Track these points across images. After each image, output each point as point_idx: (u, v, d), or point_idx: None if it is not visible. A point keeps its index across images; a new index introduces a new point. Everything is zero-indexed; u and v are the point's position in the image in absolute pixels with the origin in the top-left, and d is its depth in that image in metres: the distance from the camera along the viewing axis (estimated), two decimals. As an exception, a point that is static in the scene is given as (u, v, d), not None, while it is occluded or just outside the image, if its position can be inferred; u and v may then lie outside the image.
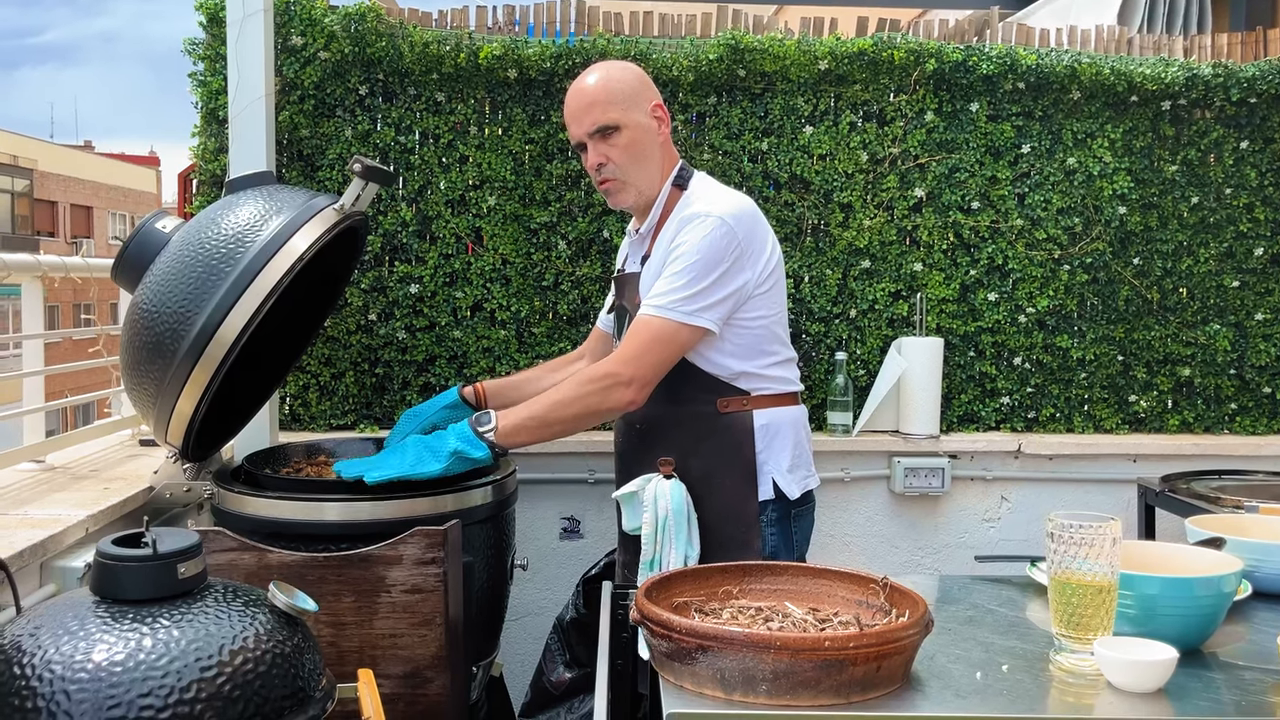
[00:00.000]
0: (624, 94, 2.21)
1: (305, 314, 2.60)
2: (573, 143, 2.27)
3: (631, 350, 2.11)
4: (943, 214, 3.33)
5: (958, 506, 3.33)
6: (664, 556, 2.09)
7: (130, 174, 33.03)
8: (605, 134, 2.20)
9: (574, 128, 2.24)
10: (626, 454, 2.36)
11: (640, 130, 2.21)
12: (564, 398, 2.11)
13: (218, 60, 3.00)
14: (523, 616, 3.17)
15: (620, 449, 2.40)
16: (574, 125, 2.24)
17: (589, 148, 2.23)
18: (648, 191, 2.25)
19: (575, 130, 2.24)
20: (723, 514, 2.18)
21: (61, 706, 1.26)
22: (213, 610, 1.41)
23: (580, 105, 2.22)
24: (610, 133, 2.20)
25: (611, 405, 2.11)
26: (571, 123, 2.25)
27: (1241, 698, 1.32)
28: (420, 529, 2.05)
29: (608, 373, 2.10)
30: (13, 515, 2.04)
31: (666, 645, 1.27)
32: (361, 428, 3.17)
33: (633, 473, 2.24)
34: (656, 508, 2.10)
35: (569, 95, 2.25)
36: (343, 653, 2.03)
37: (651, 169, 2.24)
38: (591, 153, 2.22)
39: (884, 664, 1.24)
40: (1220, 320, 3.46)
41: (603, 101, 2.20)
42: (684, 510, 2.10)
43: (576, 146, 2.27)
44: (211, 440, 2.36)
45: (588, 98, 2.21)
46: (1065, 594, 1.39)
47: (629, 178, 2.23)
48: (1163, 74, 3.32)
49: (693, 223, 2.13)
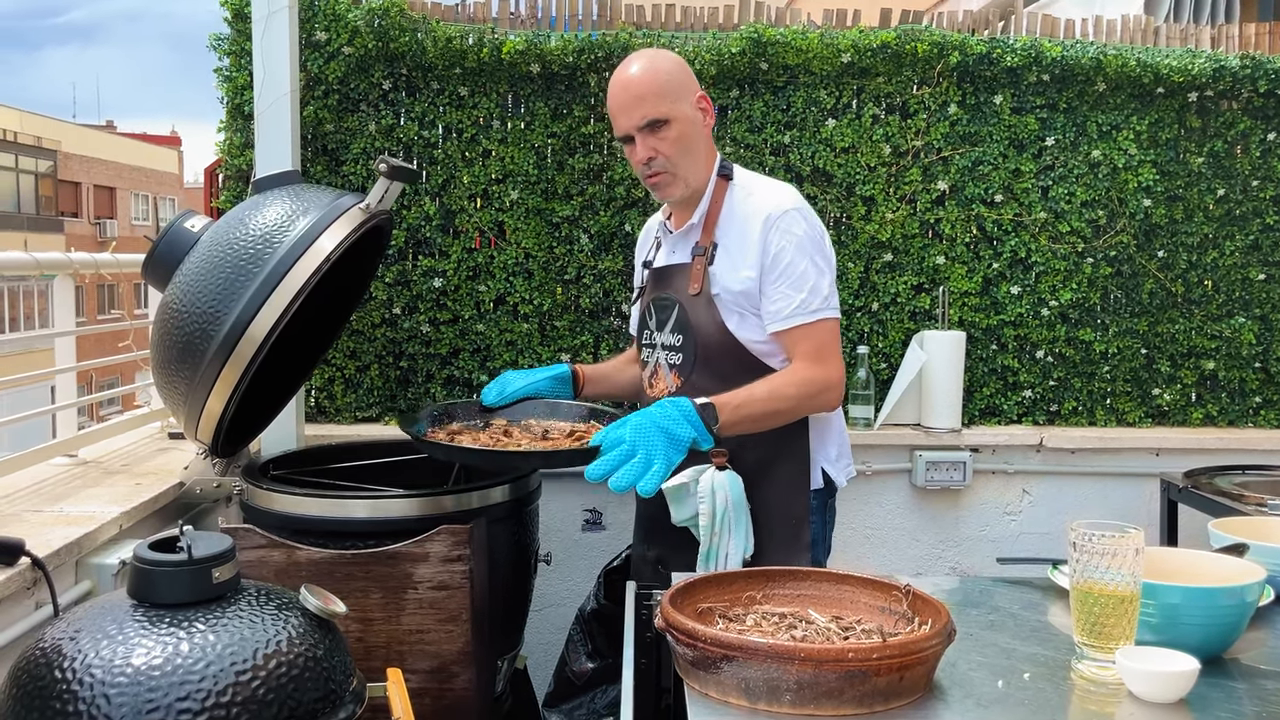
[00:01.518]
0: (672, 86, 2.17)
1: (331, 309, 2.62)
2: (617, 135, 2.21)
3: (828, 354, 2.12)
4: (966, 207, 3.32)
5: (979, 500, 3.34)
6: (721, 549, 2.08)
7: (153, 155, 33.20)
8: (654, 127, 2.15)
9: (621, 120, 2.18)
10: None
11: (688, 123, 2.18)
12: (780, 396, 2.08)
13: (243, 55, 3.01)
14: (546, 608, 3.20)
15: None
16: (621, 118, 2.18)
17: (637, 141, 2.17)
18: (695, 184, 2.22)
19: (623, 123, 2.18)
20: (774, 504, 2.17)
21: (102, 710, 1.30)
22: (246, 614, 1.44)
23: (629, 98, 2.16)
24: (660, 126, 2.15)
25: (821, 407, 2.15)
26: (619, 115, 2.18)
27: (1263, 709, 1.33)
28: (446, 527, 2.08)
29: (825, 379, 2.11)
30: (49, 512, 2.08)
31: (691, 654, 1.29)
32: (386, 420, 3.21)
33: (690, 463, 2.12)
34: (715, 499, 2.06)
35: (614, 87, 2.19)
36: (370, 648, 2.06)
37: (699, 161, 2.21)
38: (640, 146, 2.17)
39: (906, 674, 1.26)
40: (1245, 313, 3.44)
41: (652, 95, 2.15)
42: (742, 502, 2.09)
43: (622, 139, 2.21)
44: (239, 435, 2.39)
45: (635, 90, 2.16)
46: (1087, 603, 1.40)
47: (679, 170, 2.19)
48: (1189, 65, 3.29)
49: (779, 221, 2.13)
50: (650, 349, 2.31)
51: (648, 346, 2.32)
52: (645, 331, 2.33)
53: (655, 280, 2.33)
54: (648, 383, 2.33)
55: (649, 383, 2.32)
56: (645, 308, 2.34)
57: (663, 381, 2.27)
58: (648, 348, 2.32)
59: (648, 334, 2.32)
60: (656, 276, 2.33)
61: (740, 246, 2.17)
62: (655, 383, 2.30)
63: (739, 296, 2.15)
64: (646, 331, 2.32)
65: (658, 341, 2.28)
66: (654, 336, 2.29)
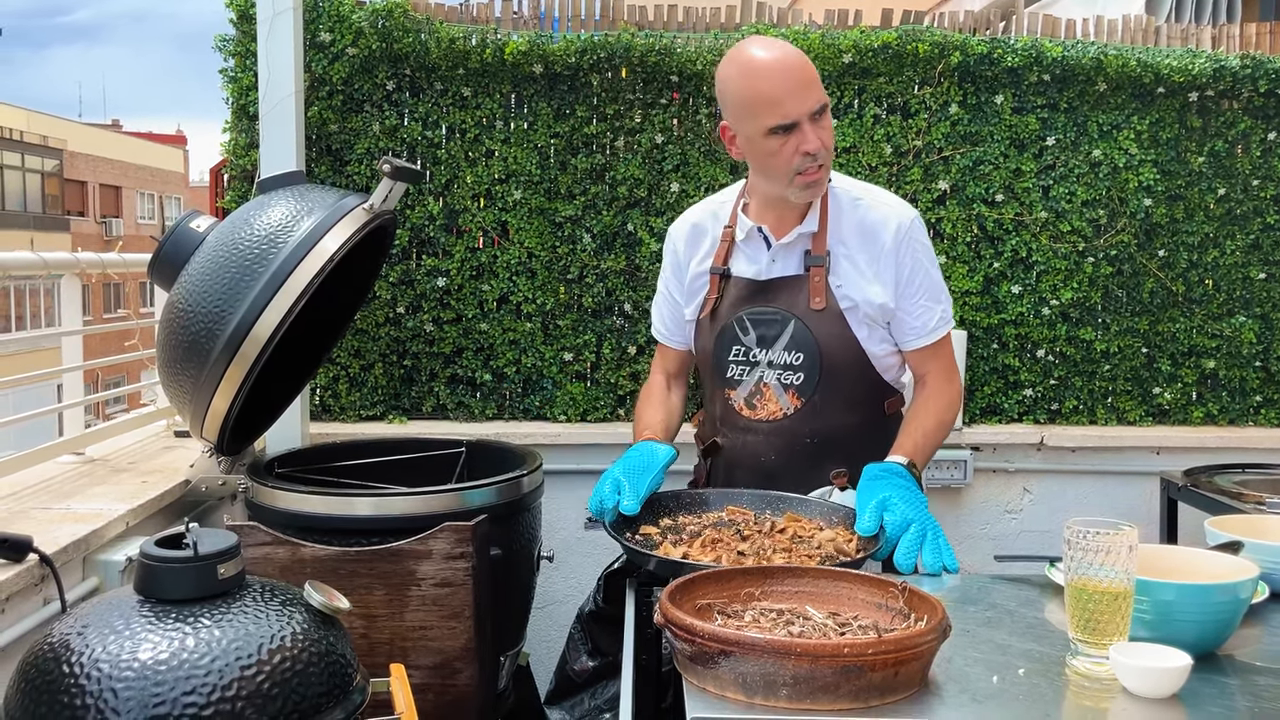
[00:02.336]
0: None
1: (335, 308, 2.64)
2: (778, 122, 1.92)
3: (955, 367, 2.11)
4: (967, 206, 3.33)
5: (980, 498, 3.35)
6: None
7: (158, 154, 33.29)
8: (822, 114, 1.94)
9: (793, 105, 1.91)
10: (781, 471, 2.08)
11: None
12: (945, 425, 2.07)
13: (248, 56, 3.04)
14: (548, 605, 3.22)
15: (770, 467, 2.10)
16: (793, 102, 1.91)
17: (807, 129, 1.92)
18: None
19: (795, 108, 1.91)
20: None
21: (109, 704, 1.32)
22: (251, 610, 1.46)
23: (805, 78, 1.93)
24: (823, 113, 1.95)
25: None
26: (787, 99, 1.91)
27: (1255, 704, 1.34)
28: (450, 524, 2.09)
29: (960, 394, 2.11)
30: (56, 509, 2.10)
31: (690, 649, 1.31)
32: (390, 418, 3.23)
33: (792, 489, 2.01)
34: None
35: (781, 67, 1.92)
36: (374, 644, 2.08)
37: None
38: (810, 134, 1.92)
39: (902, 669, 1.27)
40: (1246, 312, 3.45)
41: (816, 78, 1.95)
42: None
43: (781, 128, 1.92)
44: (244, 433, 2.41)
45: (807, 72, 1.93)
46: (1082, 600, 1.41)
47: (829, 166, 2.00)
48: (1190, 65, 3.30)
49: (910, 232, 2.05)
50: (747, 367, 2.10)
51: (740, 364, 2.10)
52: (736, 349, 2.10)
53: (752, 292, 2.08)
54: (744, 404, 2.11)
55: (747, 404, 2.10)
56: (732, 322, 2.09)
57: (774, 403, 2.07)
58: (740, 365, 2.10)
59: (739, 351, 2.09)
60: (754, 289, 2.08)
61: (868, 258, 2.04)
62: (761, 404, 2.09)
63: (878, 310, 2.04)
64: (738, 349, 2.10)
65: (761, 359, 2.07)
66: (753, 354, 2.08)
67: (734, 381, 2.11)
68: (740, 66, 1.97)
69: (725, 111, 2.02)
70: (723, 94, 2.02)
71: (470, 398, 3.28)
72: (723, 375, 2.12)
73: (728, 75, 1.99)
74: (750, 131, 1.96)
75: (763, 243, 2.09)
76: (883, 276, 2.04)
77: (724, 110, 2.02)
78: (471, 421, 3.26)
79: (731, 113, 2.00)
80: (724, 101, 2.02)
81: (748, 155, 2.01)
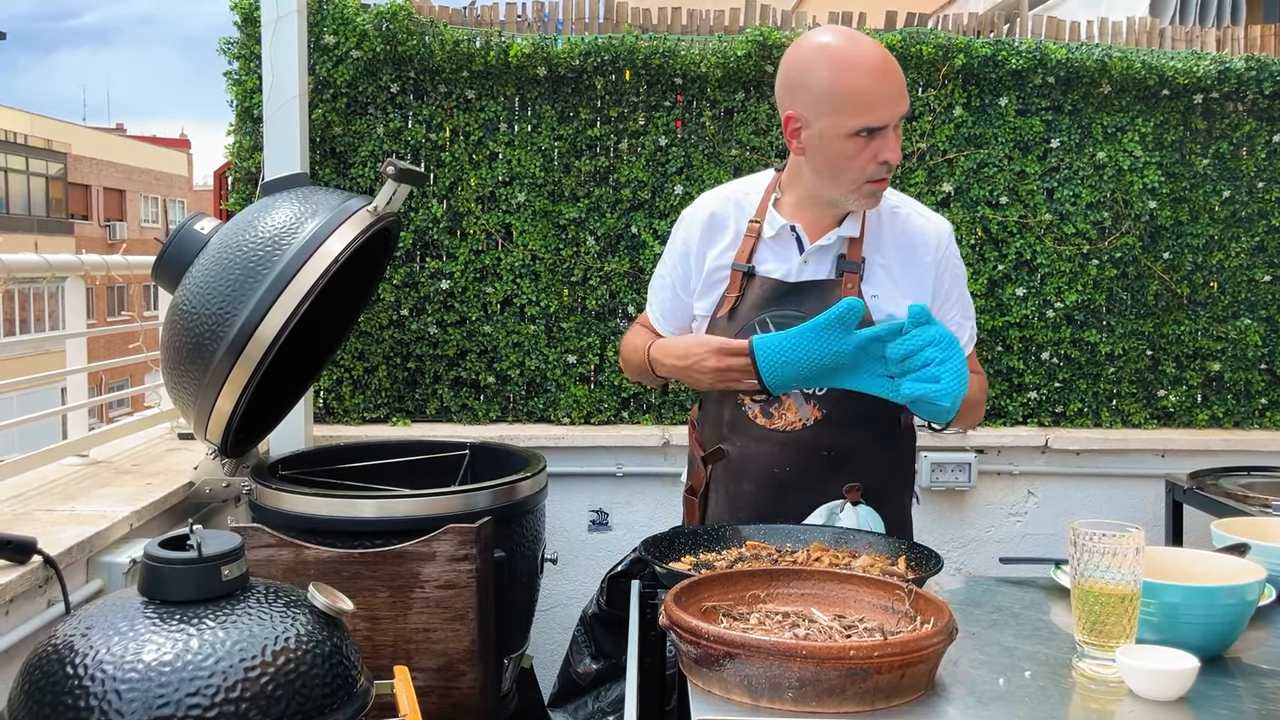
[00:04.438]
0: None
1: (339, 310, 2.64)
2: (868, 124, 1.79)
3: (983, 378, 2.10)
4: (971, 209, 3.33)
5: (984, 501, 3.35)
6: None
7: (162, 157, 33.34)
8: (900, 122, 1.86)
9: (886, 109, 1.80)
10: (794, 483, 1.98)
11: None
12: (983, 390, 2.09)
13: (252, 59, 3.04)
14: (551, 607, 3.22)
15: (782, 479, 1.99)
16: (888, 106, 1.80)
17: (891, 136, 1.81)
18: None
19: (888, 112, 1.80)
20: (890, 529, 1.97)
21: (113, 705, 1.31)
22: (255, 611, 1.46)
23: (902, 83, 1.82)
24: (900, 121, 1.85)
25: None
26: (884, 101, 1.80)
27: (1263, 707, 1.33)
28: (453, 526, 2.09)
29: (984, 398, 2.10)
30: (60, 511, 2.10)
31: (695, 651, 1.31)
32: (394, 420, 3.23)
33: (803, 502, 1.93)
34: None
35: (881, 68, 1.80)
36: (378, 646, 2.08)
37: None
38: (893, 142, 1.82)
39: (908, 672, 1.27)
40: (1251, 315, 3.45)
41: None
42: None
43: (868, 130, 1.80)
44: (248, 436, 2.41)
45: (902, 77, 1.83)
46: (1088, 602, 1.41)
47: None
48: (1194, 67, 3.30)
49: (949, 246, 2.00)
50: None
51: None
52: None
53: (779, 294, 1.94)
54: (760, 412, 1.97)
55: (763, 412, 1.96)
56: (754, 324, 1.95)
57: (794, 413, 1.95)
58: None
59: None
60: (781, 290, 1.94)
61: (905, 269, 1.96)
62: (779, 414, 1.96)
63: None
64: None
65: None
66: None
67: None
68: (834, 58, 1.80)
69: (797, 100, 1.84)
70: (800, 82, 1.84)
71: (474, 400, 3.28)
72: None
73: (813, 63, 1.82)
74: (829, 128, 1.81)
75: (794, 243, 1.95)
76: (919, 290, 1.95)
77: (794, 99, 1.85)
78: (475, 424, 3.26)
79: (809, 104, 1.82)
80: (800, 90, 1.84)
81: (814, 151, 1.85)
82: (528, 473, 2.38)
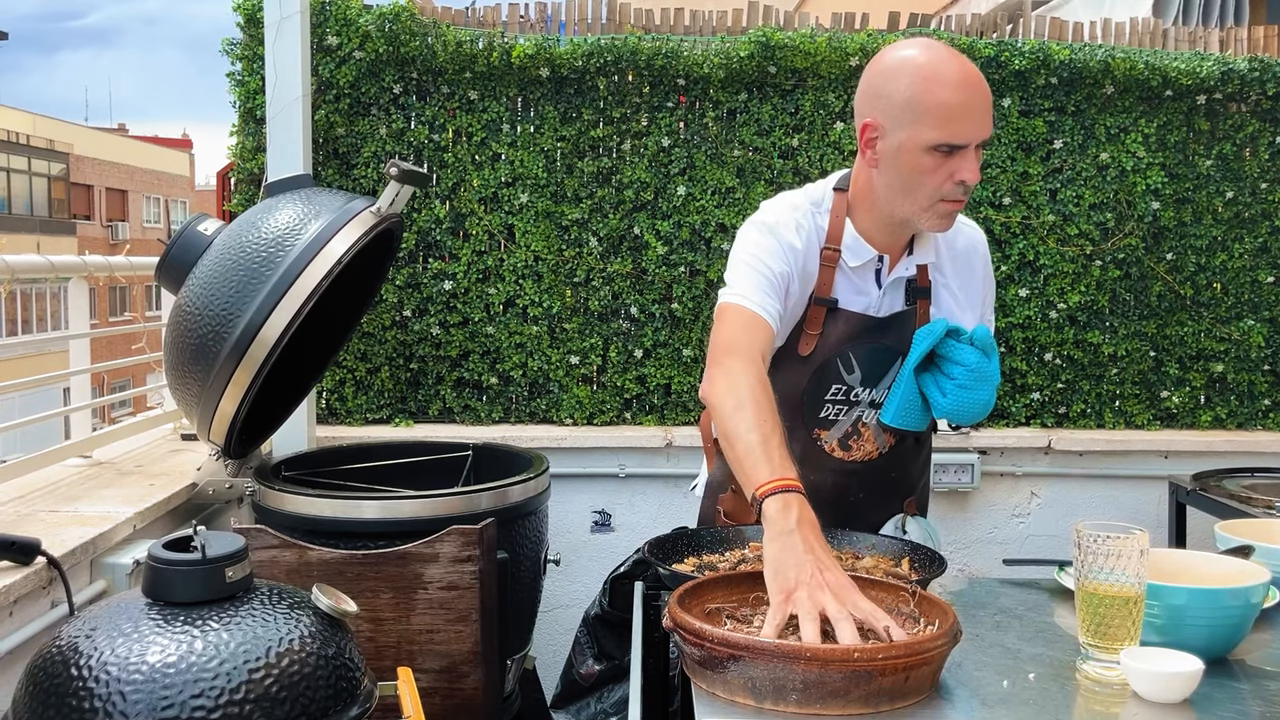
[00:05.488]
0: None
1: (342, 311, 2.64)
2: (949, 141, 1.70)
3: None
4: (974, 210, 3.32)
5: (987, 502, 3.34)
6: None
7: (164, 157, 33.35)
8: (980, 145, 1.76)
9: (971, 127, 1.71)
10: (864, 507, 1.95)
11: None
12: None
13: (255, 60, 3.04)
14: (554, 609, 3.22)
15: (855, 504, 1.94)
16: (972, 124, 1.71)
17: (971, 157, 1.72)
18: None
19: (973, 131, 1.71)
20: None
21: (117, 707, 1.31)
22: (259, 613, 1.46)
23: (989, 102, 1.73)
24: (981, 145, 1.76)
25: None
26: (969, 119, 1.70)
27: (1266, 709, 1.33)
28: (456, 527, 2.09)
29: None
30: (64, 512, 2.10)
31: (699, 653, 1.30)
32: (396, 421, 3.23)
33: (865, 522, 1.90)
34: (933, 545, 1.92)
35: (970, 84, 1.71)
36: (381, 648, 2.08)
37: None
38: (974, 162, 1.72)
39: (912, 674, 1.27)
40: (1254, 316, 3.44)
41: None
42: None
43: (948, 147, 1.70)
44: (252, 437, 2.41)
45: (990, 97, 1.74)
46: (1092, 604, 1.40)
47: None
48: (1198, 68, 3.29)
49: (987, 252, 1.99)
50: (845, 406, 1.89)
51: (839, 403, 1.89)
52: (836, 388, 1.88)
53: (866, 329, 1.86)
54: (837, 445, 1.91)
55: (841, 445, 1.91)
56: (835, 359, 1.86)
57: (871, 443, 1.91)
58: (838, 405, 1.89)
59: (839, 390, 1.88)
60: (867, 325, 1.86)
61: (961, 283, 1.92)
62: (857, 445, 1.91)
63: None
64: (838, 388, 1.87)
65: (863, 398, 1.88)
66: (855, 393, 1.88)
67: (828, 422, 1.89)
68: (921, 69, 1.72)
69: (876, 108, 1.75)
70: (882, 90, 1.75)
71: (477, 401, 3.28)
72: (815, 414, 1.89)
73: (898, 71, 1.73)
74: (908, 139, 1.71)
75: (873, 273, 1.86)
76: (973, 301, 1.95)
77: (874, 106, 1.75)
78: (478, 425, 3.26)
79: (888, 112, 1.73)
80: (881, 97, 1.75)
81: (889, 163, 1.75)
82: (530, 474, 2.38)
